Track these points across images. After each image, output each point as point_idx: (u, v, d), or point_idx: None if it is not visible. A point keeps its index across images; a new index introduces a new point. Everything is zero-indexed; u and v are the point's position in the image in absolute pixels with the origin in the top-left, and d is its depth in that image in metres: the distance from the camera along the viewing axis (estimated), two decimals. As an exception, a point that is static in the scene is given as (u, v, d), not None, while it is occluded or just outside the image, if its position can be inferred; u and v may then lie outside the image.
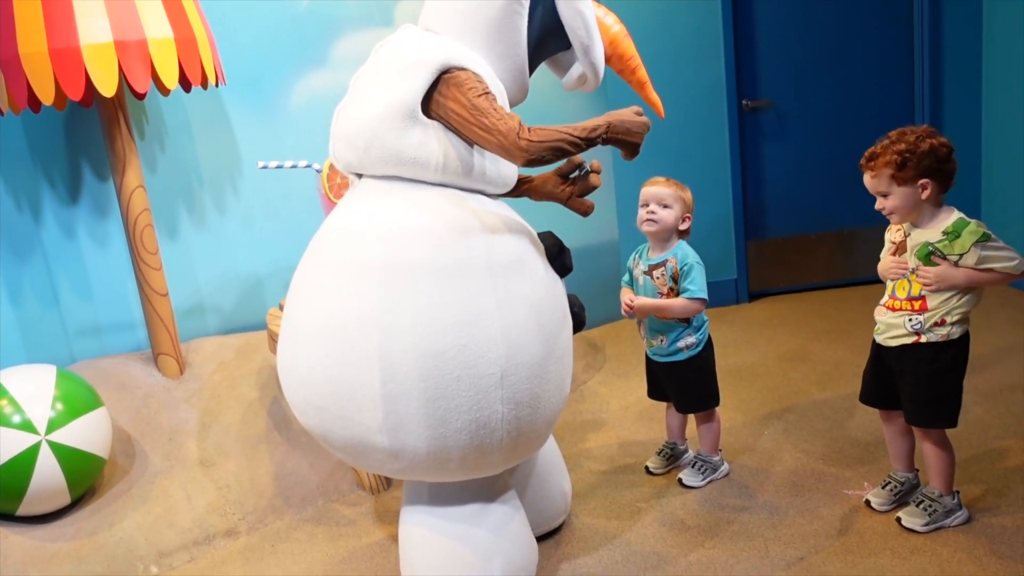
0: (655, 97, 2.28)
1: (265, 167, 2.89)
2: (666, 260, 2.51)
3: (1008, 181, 4.22)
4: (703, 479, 2.62)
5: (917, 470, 2.42)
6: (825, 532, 2.30)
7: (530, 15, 1.99)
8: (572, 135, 1.76)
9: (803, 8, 4.22)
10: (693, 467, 2.65)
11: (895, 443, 2.40)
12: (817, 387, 3.30)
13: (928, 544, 2.19)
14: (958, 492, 2.29)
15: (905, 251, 2.21)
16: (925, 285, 2.15)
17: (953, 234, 2.10)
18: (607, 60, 2.15)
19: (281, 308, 3.06)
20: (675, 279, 2.50)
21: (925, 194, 2.12)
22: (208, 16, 3.01)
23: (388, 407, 1.79)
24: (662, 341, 2.55)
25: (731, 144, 4.28)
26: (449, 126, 1.87)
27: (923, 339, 2.17)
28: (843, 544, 2.24)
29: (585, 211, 2.15)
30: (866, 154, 2.20)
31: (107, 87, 2.60)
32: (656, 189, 2.50)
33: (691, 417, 2.71)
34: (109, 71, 2.60)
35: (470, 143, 1.89)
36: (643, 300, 2.50)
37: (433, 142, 1.86)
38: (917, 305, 2.18)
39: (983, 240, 2.08)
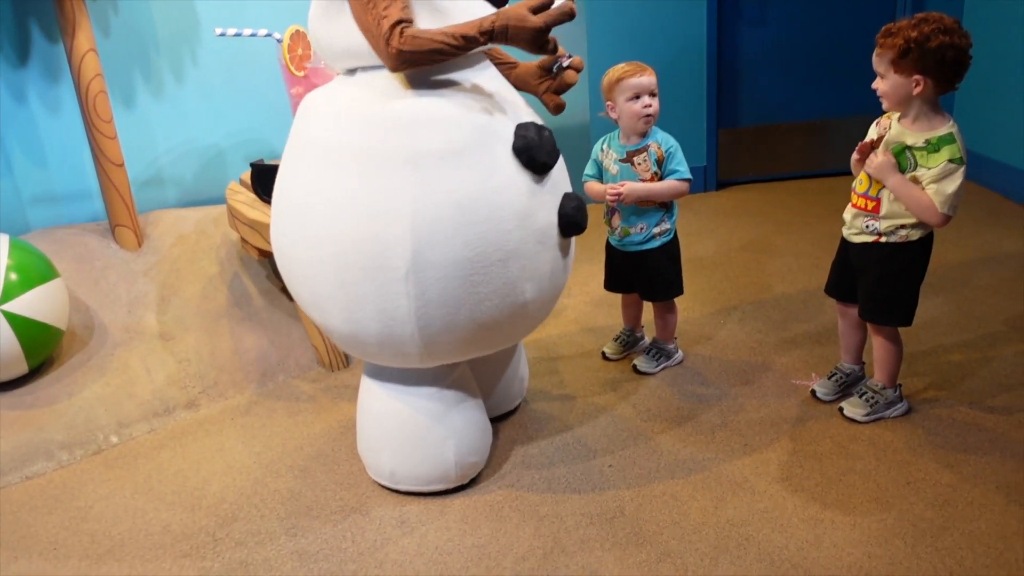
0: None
1: (223, 35, 2.77)
2: (647, 145, 2.48)
3: (984, 78, 4.17)
4: (657, 365, 2.68)
5: (864, 363, 2.49)
6: (771, 420, 2.38)
7: None
8: (447, 41, 1.70)
9: None
10: (648, 354, 2.71)
11: (847, 335, 2.46)
12: (776, 278, 3.34)
13: (867, 433, 2.28)
14: (900, 385, 2.37)
15: (879, 146, 2.19)
16: (867, 163, 2.15)
17: (934, 146, 2.06)
18: None
19: (242, 183, 3.01)
20: (659, 163, 2.47)
21: (917, 90, 2.05)
22: None
23: (311, 286, 1.91)
24: (641, 229, 2.54)
25: (708, 25, 4.16)
26: None
27: (883, 239, 2.19)
28: (787, 431, 2.32)
29: (554, 108, 2.07)
30: (884, 27, 2.09)
31: (51, -59, 2.45)
32: (648, 79, 2.43)
33: (648, 305, 2.74)
34: (53, -76, 2.44)
35: None
36: (633, 185, 2.46)
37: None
38: (871, 205, 2.19)
39: (956, 162, 2.04)
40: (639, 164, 2.49)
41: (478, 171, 1.82)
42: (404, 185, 1.77)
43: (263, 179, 2.77)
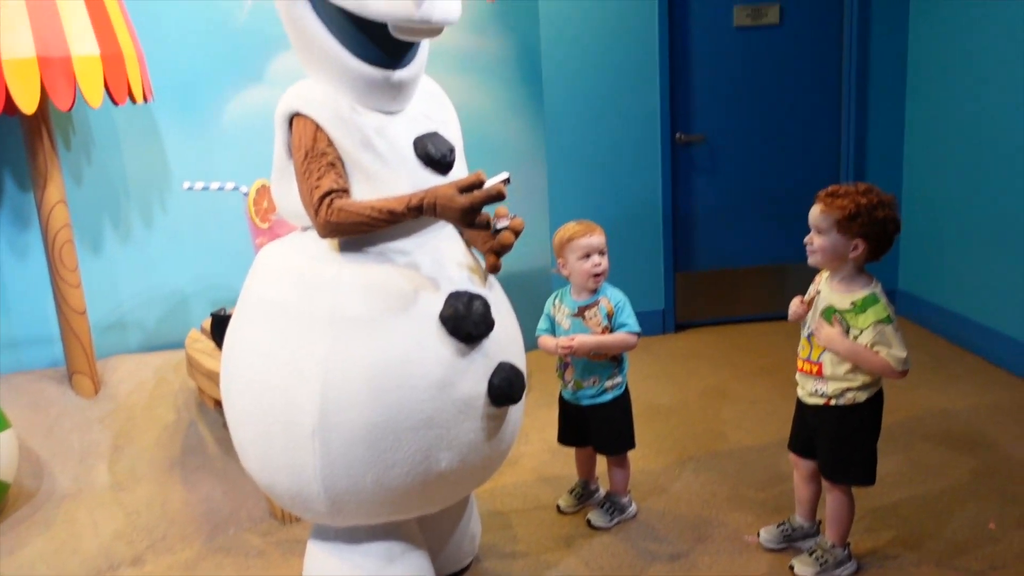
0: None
1: (191, 188, 2.87)
2: (597, 301, 2.56)
3: (925, 229, 4.38)
4: (611, 520, 2.68)
5: (819, 521, 2.50)
6: (722, 579, 2.38)
7: (318, 13, 1.85)
8: (373, 216, 1.79)
9: (736, 47, 4.33)
10: (602, 507, 2.71)
11: (801, 489, 2.48)
12: (731, 425, 3.39)
13: (818, 595, 2.28)
14: (849, 544, 2.39)
15: (813, 306, 2.29)
16: (817, 336, 2.23)
17: (859, 307, 2.17)
18: None
19: (202, 331, 3.05)
20: (610, 317, 2.55)
21: (854, 253, 2.17)
22: (142, 29, 2.99)
23: (236, 432, 2.02)
24: (594, 382, 2.59)
25: (663, 176, 4.36)
26: None
27: (832, 402, 2.26)
28: (738, 593, 2.31)
29: (490, 267, 2.02)
30: (829, 188, 2.21)
31: (28, 104, 2.56)
32: (597, 239, 2.53)
33: (602, 456, 2.77)
34: (31, 87, 2.56)
35: None
36: (584, 338, 2.53)
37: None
38: (815, 369, 2.27)
39: (884, 322, 2.14)
40: (590, 319, 2.57)
41: (395, 338, 1.85)
42: (318, 345, 1.84)
43: (222, 329, 2.80)
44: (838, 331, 2.19)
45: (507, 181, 1.81)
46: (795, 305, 2.34)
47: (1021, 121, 3.56)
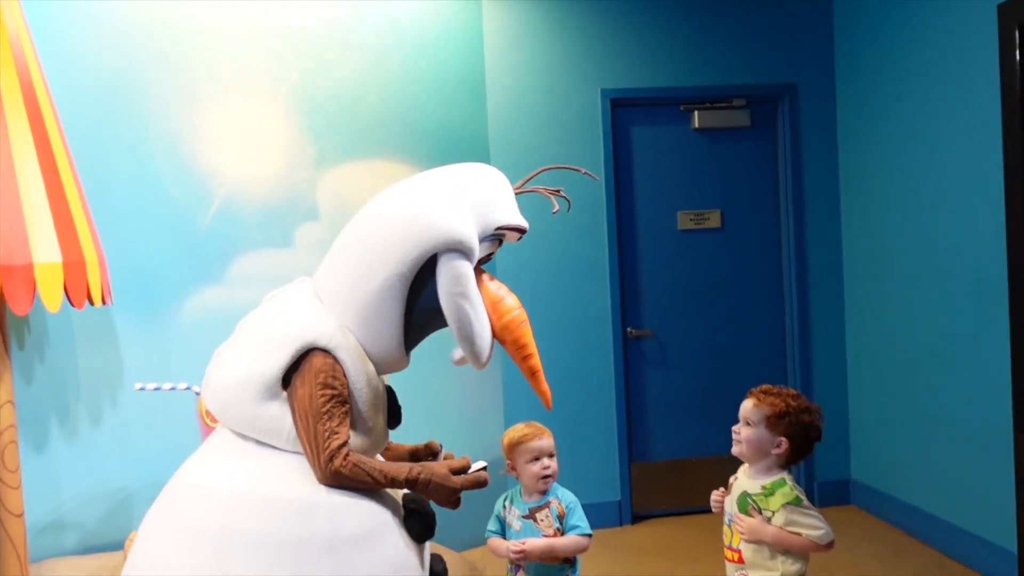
0: (545, 387, 2.15)
1: (142, 389, 2.88)
2: (548, 502, 2.56)
3: (874, 419, 4.48)
4: None
5: None
6: None
7: (415, 294, 1.96)
8: (378, 478, 1.86)
9: (682, 248, 4.58)
10: None
11: None
12: (689, 627, 3.30)
13: None
14: None
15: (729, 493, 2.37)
16: (740, 532, 2.28)
17: (769, 490, 2.25)
18: (502, 342, 2.06)
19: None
20: (561, 518, 2.54)
21: (778, 451, 2.27)
22: (106, 230, 3.10)
23: None
24: None
25: (615, 369, 4.46)
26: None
27: (760, 596, 2.26)
28: None
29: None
30: (763, 386, 2.35)
31: (-16, 309, 2.60)
32: (546, 442, 2.57)
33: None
34: (-11, 293, 2.61)
35: None
36: (535, 541, 2.50)
37: (288, 416, 1.88)
38: (736, 556, 2.31)
39: (793, 503, 2.22)
40: (541, 520, 2.56)
41: (387, 549, 1.88)
42: (320, 571, 1.79)
43: (165, 533, 2.73)
44: (759, 520, 2.25)
45: (484, 468, 1.97)
46: (716, 495, 2.42)
47: (962, 310, 3.75)
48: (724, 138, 4.61)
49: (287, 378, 1.89)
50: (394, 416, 2.11)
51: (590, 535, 2.55)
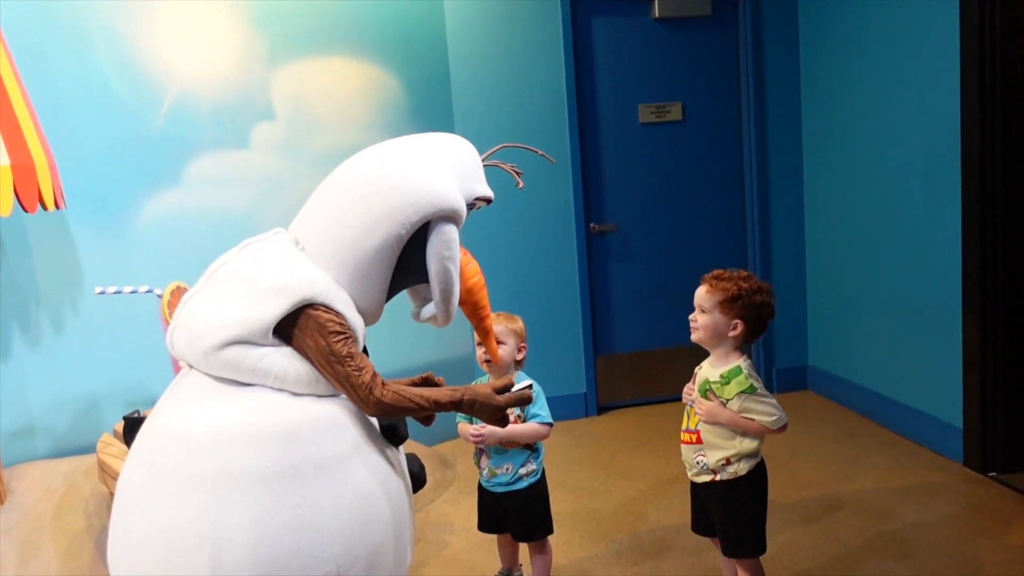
0: (495, 346, 2.40)
1: (103, 293, 2.87)
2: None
3: (830, 305, 4.59)
4: (534, 608, 2.68)
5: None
6: (642, 662, 2.39)
7: (401, 254, 2.01)
8: (421, 403, 1.91)
9: (643, 141, 4.57)
10: (525, 596, 2.71)
11: (724, 567, 2.56)
12: (652, 506, 3.44)
13: (735, 672, 2.31)
14: (764, 620, 2.44)
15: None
16: (698, 415, 2.37)
17: (725, 379, 2.33)
18: (462, 303, 2.18)
19: (115, 434, 3.00)
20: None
21: (733, 333, 2.33)
22: (56, 135, 3.02)
23: None
24: (507, 470, 2.63)
25: (579, 264, 4.51)
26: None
27: (718, 477, 2.35)
28: (657, 675, 2.32)
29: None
30: (715, 272, 2.40)
31: (-66, 214, 2.55)
32: (499, 327, 2.61)
33: (524, 544, 2.78)
34: (-63, 197, 2.55)
35: None
36: (493, 428, 2.56)
37: (276, 355, 1.88)
38: (694, 438, 2.40)
39: (748, 392, 2.30)
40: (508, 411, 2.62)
41: (371, 460, 1.92)
42: (319, 491, 1.81)
43: (135, 432, 2.76)
44: (716, 404, 2.34)
45: (529, 387, 2.08)
46: (687, 387, 2.50)
47: (915, 198, 3.82)
48: (685, 28, 4.55)
49: (278, 327, 1.89)
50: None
51: (551, 424, 2.62)
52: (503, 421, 2.03)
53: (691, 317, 2.41)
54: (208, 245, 2.07)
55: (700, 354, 2.47)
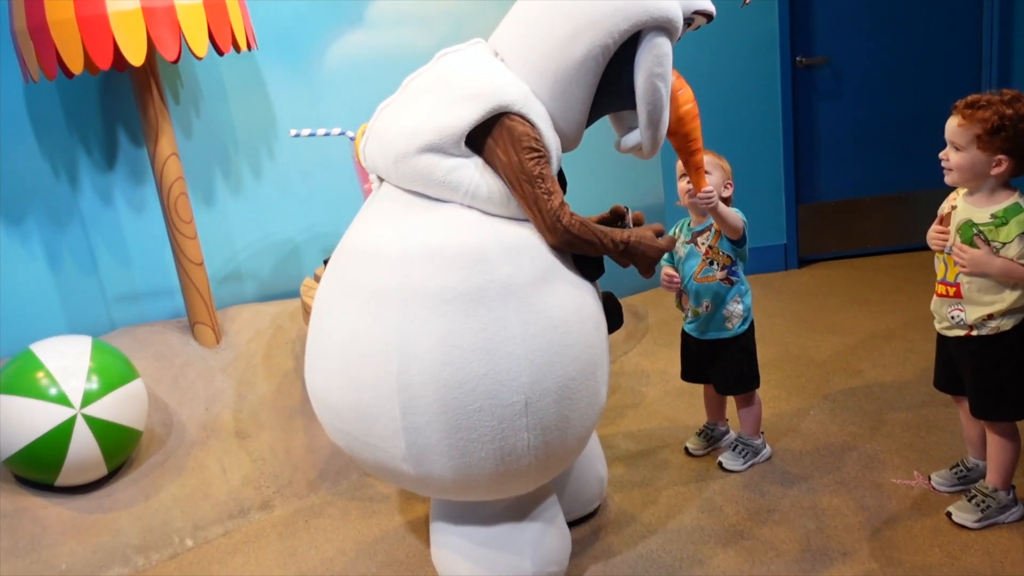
0: (705, 182, 2.21)
1: (297, 135, 2.82)
2: (711, 225, 2.42)
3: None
4: (744, 463, 2.54)
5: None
6: (871, 525, 2.21)
7: (606, 71, 1.83)
8: (603, 240, 1.84)
9: (865, -42, 4.00)
10: (734, 450, 2.58)
11: (966, 428, 2.31)
12: (867, 363, 3.18)
13: (980, 541, 2.10)
14: (1014, 487, 2.18)
15: (949, 223, 2.08)
16: (959, 266, 2.02)
17: (1001, 219, 1.96)
18: (672, 134, 2.01)
19: (316, 278, 3.03)
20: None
21: (997, 170, 1.96)
22: (240, -23, 2.94)
23: (410, 438, 1.75)
24: (707, 307, 2.45)
25: (783, 103, 4.10)
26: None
27: (974, 332, 2.06)
28: (889, 539, 2.15)
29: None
30: (969, 98, 2.00)
31: (135, 56, 2.54)
32: (709, 159, 2.38)
33: (731, 397, 2.63)
34: (137, 39, 2.54)
35: None
36: (700, 197, 2.24)
37: (469, 167, 1.79)
38: (952, 291, 2.07)
39: None
40: (702, 244, 2.44)
41: (564, 289, 1.83)
42: (508, 316, 1.72)
43: (337, 275, 2.77)
44: (985, 251, 1.98)
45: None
46: (935, 228, 2.12)
47: None
48: None
49: (471, 137, 1.78)
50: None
51: (745, 223, 2.39)
52: (651, 271, 1.94)
53: (942, 155, 2.05)
54: (392, 87, 1.96)
55: (916, 203, 2.14)
